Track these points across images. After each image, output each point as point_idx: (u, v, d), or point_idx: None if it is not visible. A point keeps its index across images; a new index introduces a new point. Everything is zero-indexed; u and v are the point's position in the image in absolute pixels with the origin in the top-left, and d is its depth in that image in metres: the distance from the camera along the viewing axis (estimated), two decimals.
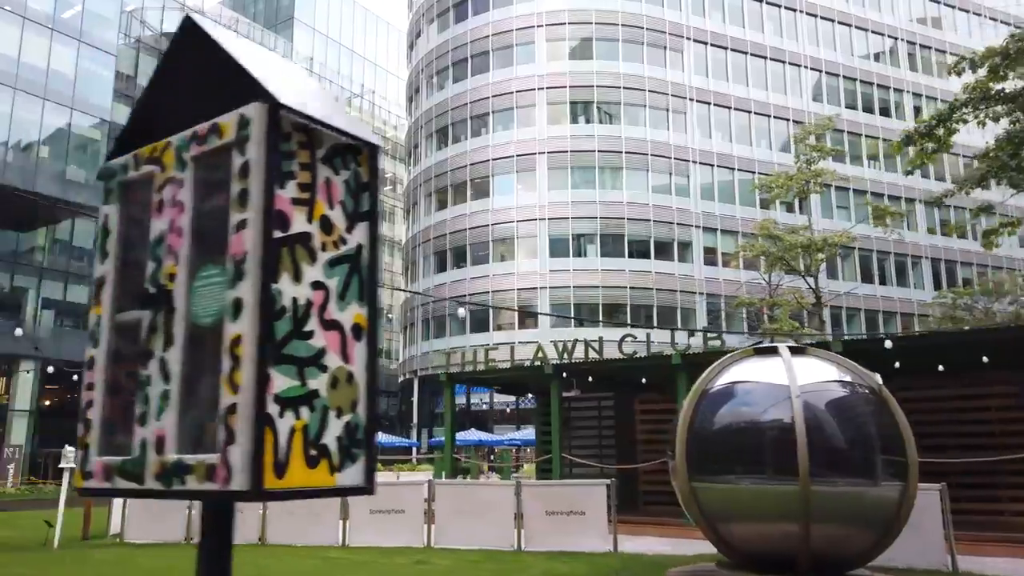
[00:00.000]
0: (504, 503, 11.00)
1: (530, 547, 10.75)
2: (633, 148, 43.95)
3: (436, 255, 47.36)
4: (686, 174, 44.93)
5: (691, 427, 7.46)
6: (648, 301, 42.49)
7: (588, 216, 43.06)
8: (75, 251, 45.18)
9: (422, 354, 47.24)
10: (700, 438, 7.38)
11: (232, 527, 1.39)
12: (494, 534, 10.93)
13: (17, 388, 41.44)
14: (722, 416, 7.51)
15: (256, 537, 11.91)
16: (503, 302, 43.78)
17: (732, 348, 23.85)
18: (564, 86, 44.62)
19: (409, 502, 11.43)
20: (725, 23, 47.91)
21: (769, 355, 7.68)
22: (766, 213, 45.52)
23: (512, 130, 45.05)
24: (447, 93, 48.40)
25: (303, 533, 11.65)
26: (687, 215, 44.28)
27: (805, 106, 48.59)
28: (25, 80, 38.68)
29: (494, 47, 46.62)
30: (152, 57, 51.18)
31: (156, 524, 12.11)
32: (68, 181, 41.01)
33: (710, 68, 46.83)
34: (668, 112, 45.26)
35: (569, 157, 43.80)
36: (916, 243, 49.04)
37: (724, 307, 43.33)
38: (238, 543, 12.01)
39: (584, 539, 10.53)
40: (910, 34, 53.08)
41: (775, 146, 47.49)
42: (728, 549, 7.42)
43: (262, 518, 11.95)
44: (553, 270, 42.70)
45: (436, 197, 48.30)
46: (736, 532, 7.27)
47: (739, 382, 7.56)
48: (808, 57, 49.41)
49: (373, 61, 69.34)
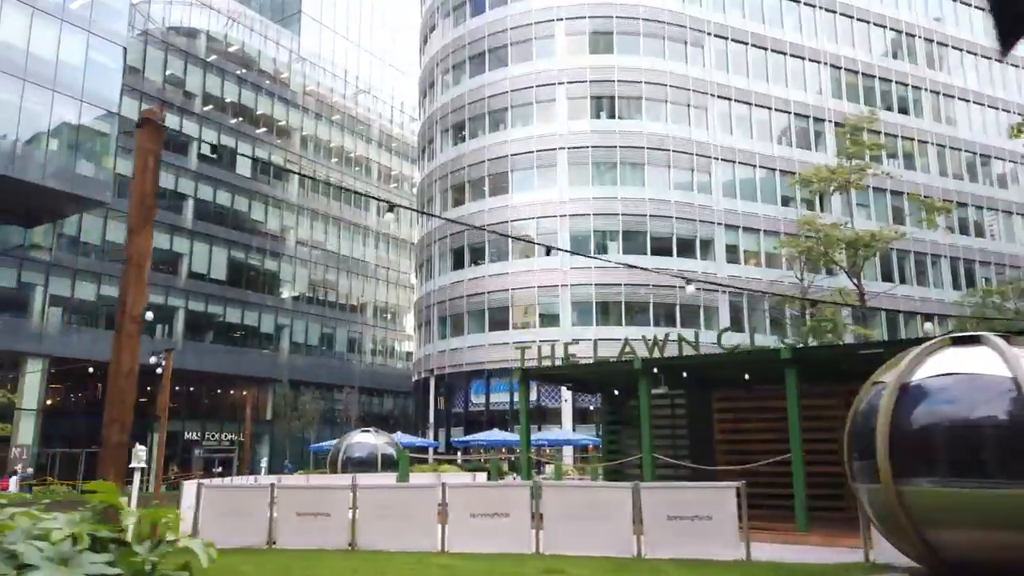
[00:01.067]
0: (620, 507, 10.25)
1: (652, 554, 10.00)
2: (655, 144, 43.31)
3: (453, 252, 46.55)
4: (708, 171, 44.34)
5: (894, 424, 6.73)
6: (671, 299, 41.84)
7: (610, 213, 42.38)
8: (83, 247, 44.12)
9: (438, 352, 46.40)
10: (907, 436, 6.66)
11: None
12: (610, 540, 10.17)
13: (24, 387, 40.31)
14: (934, 412, 6.79)
15: (346, 542, 11.10)
16: (523, 300, 43.04)
17: (765, 347, 23.13)
18: (584, 80, 43.92)
19: (514, 505, 10.65)
20: (745, 18, 47.38)
21: (970, 344, 6.97)
22: (787, 211, 45.09)
23: (531, 125, 44.30)
24: (463, 88, 47.59)
25: (397, 538, 10.85)
26: (709, 212, 43.68)
27: (825, 103, 48.13)
28: (34, 71, 37.52)
29: (512, 41, 45.86)
30: (160, 51, 50.14)
31: (234, 527, 11.27)
32: (76, 175, 39.86)
33: (731, 64, 46.27)
34: (689, 108, 44.67)
35: (590, 153, 43.11)
36: (935, 242, 48.61)
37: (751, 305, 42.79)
38: (326, 548, 11.22)
39: (712, 546, 9.79)
40: (928, 31, 52.75)
41: (796, 143, 47.00)
42: (934, 557, 6.71)
43: (351, 522, 11.14)
44: (574, 267, 41.97)
45: (452, 194, 47.48)
46: (949, 539, 6.56)
47: (947, 374, 6.83)
48: (828, 53, 48.95)
49: (380, 57, 68.43)
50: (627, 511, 10.18)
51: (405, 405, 64.03)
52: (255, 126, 55.68)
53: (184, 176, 49.92)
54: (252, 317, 53.57)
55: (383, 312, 65.98)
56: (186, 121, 50.66)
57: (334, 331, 60.25)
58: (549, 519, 10.58)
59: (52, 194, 38.34)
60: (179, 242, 49.07)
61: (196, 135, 51.11)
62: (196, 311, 49.86)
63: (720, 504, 9.91)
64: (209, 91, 52.80)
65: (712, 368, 14.45)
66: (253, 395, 52.70)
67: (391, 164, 68.96)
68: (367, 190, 65.48)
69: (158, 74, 49.86)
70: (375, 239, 65.76)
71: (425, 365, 48.31)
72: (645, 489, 10.25)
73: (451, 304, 45.83)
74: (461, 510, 10.79)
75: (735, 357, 13.46)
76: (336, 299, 60.86)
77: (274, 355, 54.54)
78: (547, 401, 41.56)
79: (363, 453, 23.43)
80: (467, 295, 44.74)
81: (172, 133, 49.58)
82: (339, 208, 62.06)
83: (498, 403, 43.23)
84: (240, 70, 55.07)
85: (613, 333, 37.33)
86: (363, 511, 11.22)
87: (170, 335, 47.90)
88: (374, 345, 64.66)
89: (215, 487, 12.11)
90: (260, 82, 56.62)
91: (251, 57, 56.68)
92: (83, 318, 44.33)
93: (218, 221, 51.62)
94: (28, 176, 36.55)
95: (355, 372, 58.77)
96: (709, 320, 41.81)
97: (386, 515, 10.77)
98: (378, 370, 63.14)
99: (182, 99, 50.85)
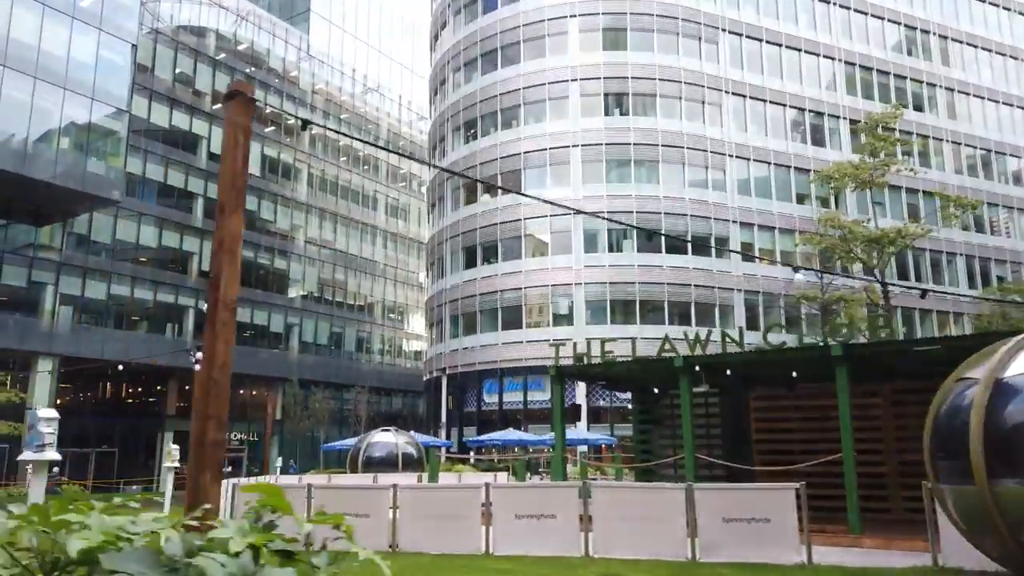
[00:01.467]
0: (674, 508, 9.92)
1: (707, 558, 9.67)
2: (669, 141, 42.97)
3: (465, 251, 46.23)
4: (722, 168, 43.99)
5: (988, 422, 6.41)
6: (686, 298, 41.50)
7: (624, 211, 42.04)
8: (93, 246, 43.86)
9: (450, 352, 46.09)
10: (1002, 434, 6.34)
11: None
12: (663, 543, 9.85)
13: (35, 387, 40.05)
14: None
15: (386, 544, 10.78)
16: (536, 299, 42.72)
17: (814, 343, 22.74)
18: (598, 77, 43.59)
19: (562, 506, 10.32)
20: (759, 15, 47.01)
21: None
22: (803, 208, 44.73)
23: (544, 123, 43.97)
24: (475, 85, 47.27)
25: (439, 539, 10.54)
26: (724, 210, 43.32)
27: (840, 100, 47.76)
28: (45, 69, 37.25)
29: (525, 37, 45.53)
30: (170, 49, 49.91)
31: None
32: (87, 173, 39.57)
33: (745, 60, 45.92)
34: (704, 105, 44.32)
35: (604, 150, 42.77)
36: (950, 239, 48.20)
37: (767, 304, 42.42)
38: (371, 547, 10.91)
39: (771, 550, 9.46)
40: (942, 27, 52.33)
41: (810, 140, 46.64)
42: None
43: (392, 523, 10.83)
44: (588, 266, 41.66)
45: (464, 192, 47.17)
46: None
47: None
48: (842, 50, 48.56)
49: (389, 56, 68.14)
50: (681, 513, 9.86)
51: (414, 404, 63.73)
52: (264, 124, 55.43)
53: (194, 175, 49.67)
54: (262, 316, 53.30)
55: (392, 311, 65.70)
56: (196, 120, 50.43)
57: (343, 330, 59.97)
58: (599, 521, 10.26)
59: (63, 192, 38.09)
60: (189, 241, 48.80)
61: (206, 134, 50.87)
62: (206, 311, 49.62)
63: (779, 506, 9.58)
64: (219, 89, 52.53)
65: (756, 366, 14.10)
66: (263, 394, 52.46)
67: (399, 163, 68.66)
68: (375, 189, 65.24)
69: (168, 72, 49.62)
70: (384, 238, 65.49)
71: (436, 364, 48.01)
72: (699, 490, 9.92)
73: (463, 303, 45.51)
74: (506, 511, 10.47)
75: (784, 354, 13.12)
76: (345, 298, 60.58)
77: (284, 354, 54.27)
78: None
79: (383, 452, 23.13)
80: (479, 294, 44.42)
81: (181, 131, 49.38)
82: (347, 207, 61.78)
83: (511, 402, 42.91)
84: (250, 68, 54.82)
85: (626, 332, 37.02)
86: (404, 512, 10.91)
87: (180, 334, 47.63)
88: (383, 345, 64.37)
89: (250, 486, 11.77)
90: (269, 80, 56.38)
91: (260, 55, 56.45)
92: (93, 317, 44.06)
93: None
94: (39, 174, 36.29)
95: (364, 372, 58.49)
96: (725, 319, 41.43)
97: (427, 516, 10.46)
98: (387, 369, 62.86)
99: (192, 98, 50.61)
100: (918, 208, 46.74)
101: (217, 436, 3.49)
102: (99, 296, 43.98)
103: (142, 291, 45.66)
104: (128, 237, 45.41)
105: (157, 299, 46.44)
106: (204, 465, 3.45)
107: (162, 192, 47.72)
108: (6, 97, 35.47)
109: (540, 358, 41.06)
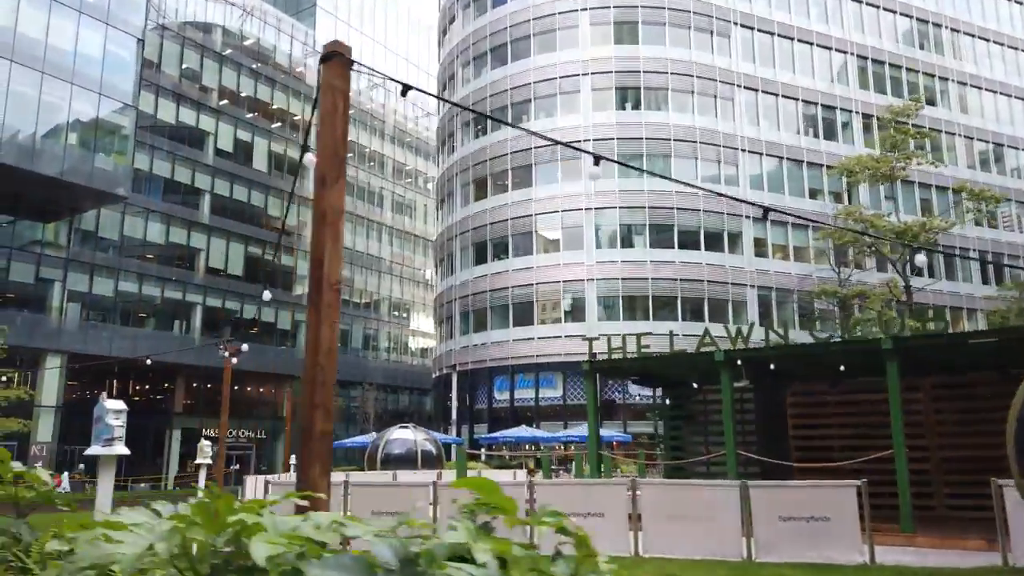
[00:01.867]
0: (727, 507, 9.58)
1: (764, 557, 9.34)
2: (681, 136, 42.61)
3: (475, 247, 45.87)
4: (735, 163, 43.63)
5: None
6: (699, 294, 41.16)
7: (636, 206, 41.70)
8: (100, 242, 43.51)
9: (460, 348, 45.76)
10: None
11: None
12: (716, 542, 9.51)
13: (43, 384, 39.74)
14: None
15: None
16: (548, 295, 42.37)
17: (863, 337, 22.44)
18: (609, 71, 43.21)
19: (609, 504, 9.99)
20: (771, 8, 46.62)
21: None
22: (815, 203, 44.37)
23: (555, 117, 43.59)
24: (485, 80, 46.89)
25: None
26: (737, 205, 42.90)
27: (852, 94, 47.38)
28: (52, 64, 36.87)
29: (535, 31, 45.14)
30: (176, 44, 49.51)
31: None
32: (94, 168, 39.20)
33: (757, 54, 45.53)
34: (716, 99, 43.95)
35: (615, 145, 42.38)
36: (963, 235, 47.81)
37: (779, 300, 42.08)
38: None
39: (830, 550, 9.12)
40: (953, 21, 51.94)
41: (823, 134, 46.26)
42: None
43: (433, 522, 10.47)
44: (600, 262, 41.32)
45: (474, 187, 46.81)
46: None
47: None
48: (855, 43, 48.17)
49: (395, 51, 67.73)
50: (735, 511, 9.52)
51: (421, 402, 63.45)
52: (271, 120, 55.07)
53: (200, 171, 49.31)
54: (269, 313, 52.97)
55: (398, 309, 65.38)
56: (203, 116, 50.06)
57: (350, 328, 59.62)
58: (648, 519, 9.92)
59: (70, 188, 37.73)
60: (196, 237, 48.46)
61: (212, 130, 50.51)
62: (213, 307, 49.28)
63: (839, 504, 9.25)
64: (225, 85, 52.18)
65: (798, 360, 13.76)
66: (270, 392, 52.18)
67: (405, 159, 68.31)
68: (381, 186, 64.91)
69: (174, 68, 49.24)
70: (390, 235, 65.14)
71: (446, 361, 47.68)
72: (754, 488, 9.58)
73: (474, 299, 45.17)
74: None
75: (830, 348, 12.78)
76: (351, 296, 60.24)
77: (291, 352, 53.92)
78: (573, 398, 40.89)
79: (402, 449, 22.80)
80: (490, 290, 44.09)
81: (188, 127, 49.01)
82: (353, 204, 61.41)
83: (522, 399, 42.59)
84: (255, 64, 54.44)
85: (639, 328, 36.65)
86: (444, 510, 10.58)
87: (188, 331, 47.32)
88: (389, 342, 64.06)
89: (281, 484, 11.47)
90: (275, 76, 56.00)
91: (267, 51, 56.06)
92: (101, 314, 43.73)
93: (235, 216, 51.01)
94: (46, 170, 35.91)
95: (370, 369, 58.17)
96: (737, 315, 41.09)
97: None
98: (393, 367, 62.55)
99: (198, 93, 50.24)
100: (931, 203, 46.38)
101: (325, 426, 3.15)
102: (106, 293, 43.64)
103: (149, 288, 45.34)
104: (135, 233, 45.07)
105: (164, 296, 46.11)
106: (313, 458, 3.12)
107: (168, 188, 47.37)
108: (14, 92, 35.11)
109: (551, 354, 40.79)
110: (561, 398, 41.01)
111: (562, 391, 41.06)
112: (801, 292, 40.65)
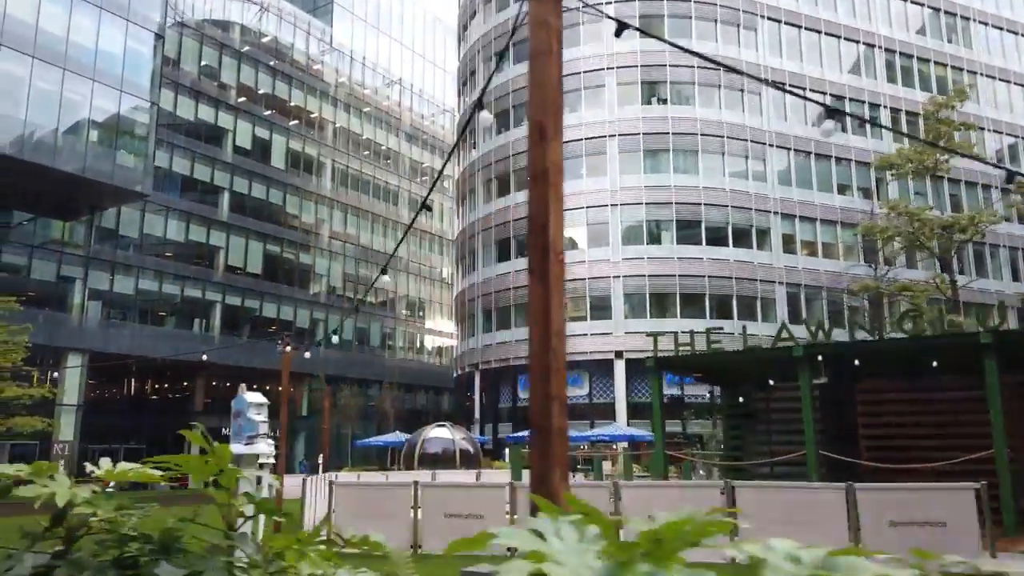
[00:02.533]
0: (832, 511, 8.98)
1: None
2: (708, 131, 41.94)
3: (498, 244, 45.32)
4: (762, 158, 42.94)
5: None
6: (727, 291, 40.49)
7: (663, 202, 41.05)
8: (121, 240, 43.14)
9: (483, 347, 45.21)
10: None
11: None
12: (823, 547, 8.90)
13: (65, 382, 39.39)
14: None
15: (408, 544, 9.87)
16: (574, 292, 41.74)
17: (957, 330, 21.73)
18: (635, 65, 42.59)
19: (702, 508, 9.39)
20: (798, 1, 45.90)
21: None
22: (844, 199, 43.66)
23: (580, 112, 42.94)
24: (507, 75, 46.27)
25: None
26: (765, 201, 42.27)
27: (879, 87, 46.62)
28: (74, 60, 36.48)
29: None
30: (195, 41, 49.11)
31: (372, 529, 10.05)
32: (115, 165, 38.79)
33: (784, 47, 44.82)
34: (743, 93, 43.26)
35: (641, 140, 41.77)
36: (992, 231, 46.93)
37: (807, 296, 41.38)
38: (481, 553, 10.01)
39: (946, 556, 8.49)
40: (981, 14, 51.09)
41: (851, 129, 45.50)
42: None
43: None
44: (627, 258, 40.70)
45: (496, 184, 46.24)
46: None
47: None
48: (882, 36, 47.40)
49: (412, 48, 67.24)
50: (841, 516, 8.92)
51: (439, 401, 62.94)
52: (288, 117, 54.65)
53: (220, 168, 48.92)
54: (287, 311, 52.56)
55: (416, 307, 64.89)
56: (221, 113, 49.68)
57: (368, 326, 59.15)
58: (746, 524, 9.31)
59: (90, 185, 37.35)
60: (216, 235, 48.07)
61: (231, 127, 50.11)
62: (232, 305, 48.87)
63: (955, 508, 8.63)
64: (243, 82, 51.79)
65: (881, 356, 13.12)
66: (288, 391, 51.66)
67: (421, 158, 67.80)
68: (398, 184, 64.43)
69: (193, 65, 48.86)
70: (408, 234, 64.67)
71: (469, 360, 47.15)
72: (861, 490, 8.97)
73: (497, 297, 44.61)
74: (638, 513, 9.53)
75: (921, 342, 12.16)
76: (368, 294, 59.77)
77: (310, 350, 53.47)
78: (599, 396, 40.31)
79: (439, 448, 22.29)
80: (513, 287, 43.49)
81: (207, 125, 48.62)
82: (369, 202, 60.95)
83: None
84: (273, 61, 54.03)
85: (666, 325, 36.02)
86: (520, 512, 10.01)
87: (208, 330, 46.94)
88: (406, 341, 63.57)
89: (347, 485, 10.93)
90: (293, 73, 55.58)
91: (284, 48, 55.64)
92: (121, 312, 43.39)
93: (253, 214, 50.61)
94: (67, 167, 35.52)
95: (387, 367, 57.67)
96: (766, 312, 40.42)
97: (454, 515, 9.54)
98: (411, 365, 62.03)
99: (217, 91, 49.85)
100: (959, 198, 45.59)
101: (562, 422, 2.60)
102: (127, 291, 43.29)
103: (169, 286, 44.95)
104: (155, 231, 44.72)
105: (184, 294, 45.71)
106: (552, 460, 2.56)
107: (187, 186, 46.98)
108: (35, 89, 34.74)
109: (577, 353, 40.12)
110: (587, 396, 40.41)
111: (588, 389, 40.46)
112: (832, 289, 39.92)
